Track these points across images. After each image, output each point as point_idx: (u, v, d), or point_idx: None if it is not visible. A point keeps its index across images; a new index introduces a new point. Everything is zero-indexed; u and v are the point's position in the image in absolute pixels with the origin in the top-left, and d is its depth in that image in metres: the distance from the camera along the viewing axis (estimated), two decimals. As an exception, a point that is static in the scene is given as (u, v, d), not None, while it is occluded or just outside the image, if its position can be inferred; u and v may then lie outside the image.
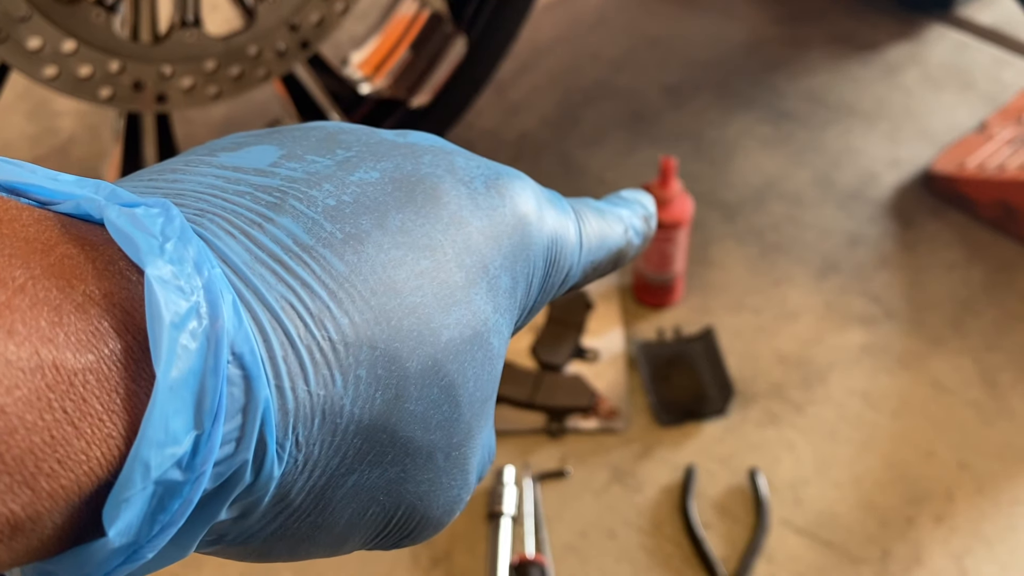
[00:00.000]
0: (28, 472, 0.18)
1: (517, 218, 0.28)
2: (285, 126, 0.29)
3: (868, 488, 1.04)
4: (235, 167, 0.25)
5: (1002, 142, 1.37)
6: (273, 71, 1.08)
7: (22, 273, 0.19)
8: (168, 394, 0.19)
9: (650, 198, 0.36)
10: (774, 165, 1.41)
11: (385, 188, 0.26)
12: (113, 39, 0.97)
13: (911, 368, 1.14)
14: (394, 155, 0.27)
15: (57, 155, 1.44)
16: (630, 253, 0.34)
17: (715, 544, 0.99)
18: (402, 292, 0.24)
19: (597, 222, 0.32)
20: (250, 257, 0.23)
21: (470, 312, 0.25)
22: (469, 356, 0.25)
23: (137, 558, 0.20)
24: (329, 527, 0.25)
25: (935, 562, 0.98)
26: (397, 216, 0.25)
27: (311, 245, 0.23)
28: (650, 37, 1.65)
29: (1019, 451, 1.06)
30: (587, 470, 1.05)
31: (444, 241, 0.25)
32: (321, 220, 0.24)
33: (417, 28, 1.27)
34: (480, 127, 1.48)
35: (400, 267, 0.24)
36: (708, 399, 1.10)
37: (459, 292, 0.25)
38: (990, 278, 1.25)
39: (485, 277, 0.26)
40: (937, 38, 1.63)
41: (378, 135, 0.28)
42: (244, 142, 0.27)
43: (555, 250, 0.29)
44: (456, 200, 0.26)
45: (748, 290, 1.24)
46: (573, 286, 0.31)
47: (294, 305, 0.22)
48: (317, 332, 0.22)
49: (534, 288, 0.29)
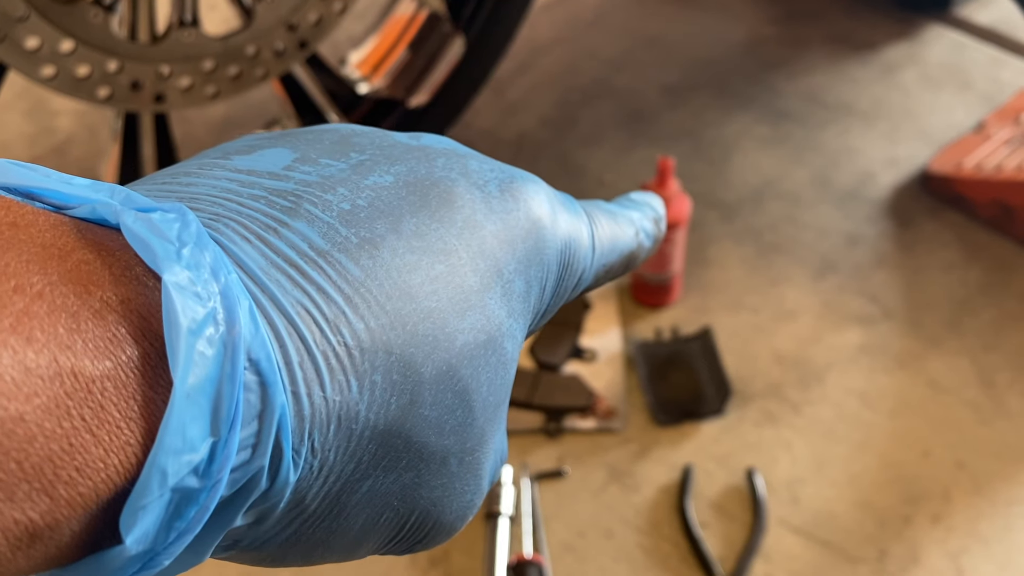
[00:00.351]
0: (47, 480, 0.18)
1: (531, 222, 0.28)
2: (298, 128, 0.29)
3: (865, 488, 1.04)
4: (249, 171, 0.25)
5: (1000, 142, 1.37)
6: (271, 71, 1.08)
7: (40, 279, 0.19)
8: (185, 401, 0.19)
9: (660, 200, 0.36)
10: (772, 165, 1.41)
11: (399, 192, 0.25)
12: (111, 39, 0.97)
13: (908, 368, 1.15)
14: (408, 158, 0.27)
15: (55, 155, 1.44)
16: (641, 256, 0.33)
17: (712, 544, 0.99)
18: (417, 297, 0.24)
19: (609, 225, 0.32)
20: (266, 262, 0.23)
21: (484, 317, 0.25)
22: (483, 361, 0.25)
23: (154, 565, 0.20)
24: (343, 532, 0.25)
25: (932, 561, 0.98)
26: (411, 220, 0.25)
27: (326, 250, 0.23)
28: (648, 37, 1.65)
29: (1016, 451, 1.07)
30: (585, 470, 1.06)
31: (458, 245, 0.25)
32: (336, 224, 0.24)
33: (415, 28, 1.27)
34: (478, 127, 1.48)
35: (415, 272, 0.24)
36: (706, 399, 1.11)
37: (474, 297, 0.25)
38: (987, 278, 1.25)
39: (499, 281, 0.26)
40: (935, 38, 1.63)
41: (391, 138, 0.28)
42: (257, 145, 0.27)
43: (568, 254, 0.29)
44: (470, 204, 0.26)
45: (746, 290, 1.24)
46: (585, 289, 0.31)
47: (310, 310, 0.22)
48: (333, 338, 0.22)
49: (547, 292, 0.29)
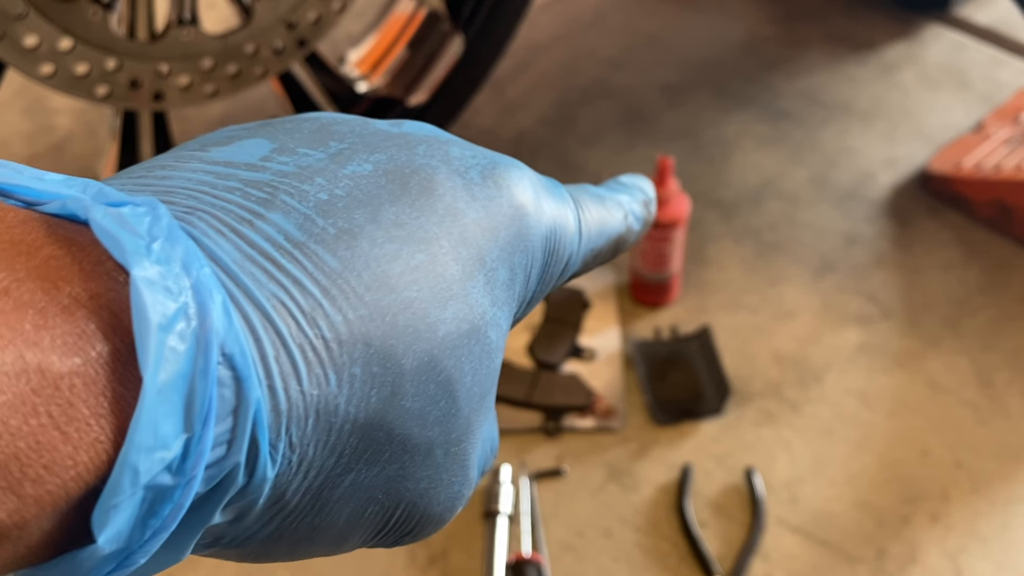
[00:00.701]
0: (13, 478, 0.18)
1: (514, 208, 0.27)
2: (278, 118, 0.28)
3: (864, 487, 1.04)
4: (226, 162, 0.25)
5: (998, 142, 1.37)
6: (270, 69, 1.08)
7: (6, 276, 0.19)
8: (156, 397, 0.19)
9: (649, 183, 0.36)
10: (771, 164, 1.41)
11: (379, 181, 0.25)
12: (110, 37, 0.97)
13: (907, 367, 1.15)
14: (388, 146, 0.27)
15: (53, 152, 1.44)
16: (630, 239, 0.33)
17: (711, 543, 0.99)
18: (397, 287, 0.24)
19: (596, 209, 0.32)
20: (240, 255, 0.22)
21: (467, 306, 0.25)
22: (466, 351, 0.25)
23: (129, 563, 0.20)
24: (327, 527, 0.25)
25: (931, 561, 0.98)
26: (391, 209, 0.25)
27: (303, 241, 0.23)
28: (647, 36, 1.65)
29: (1014, 450, 1.07)
30: (584, 469, 1.06)
31: (440, 234, 0.25)
32: (313, 215, 0.24)
33: (414, 26, 1.27)
34: (477, 126, 1.48)
35: (395, 261, 0.24)
36: (704, 398, 1.11)
37: (456, 286, 0.25)
38: (986, 278, 1.25)
39: (482, 270, 0.26)
40: (934, 38, 1.63)
41: (372, 125, 0.28)
42: (235, 136, 0.27)
43: (554, 240, 0.29)
44: (451, 191, 0.26)
45: (745, 289, 1.24)
46: (573, 274, 0.31)
47: (285, 303, 0.22)
48: (310, 330, 0.22)
49: (533, 279, 0.28)
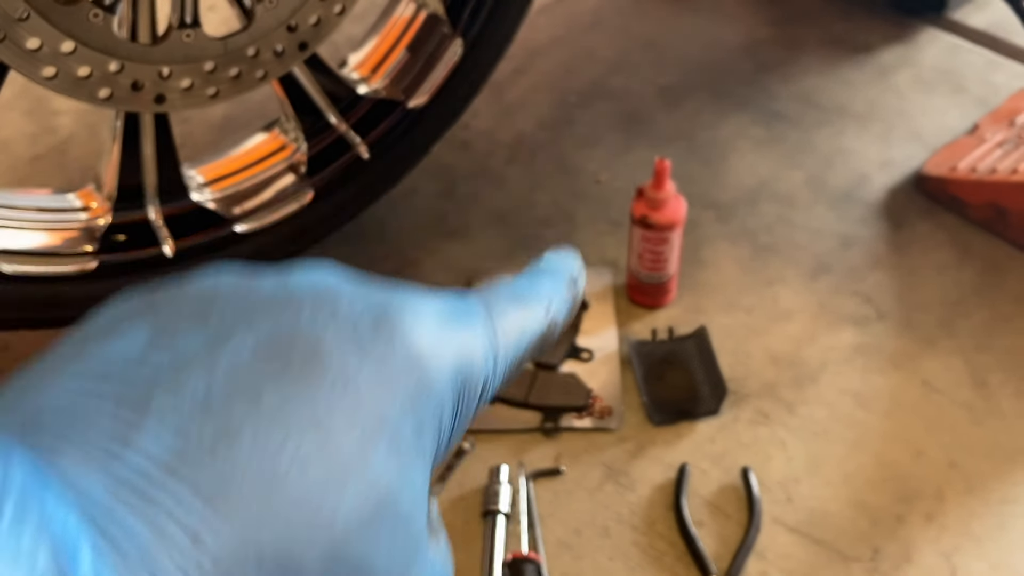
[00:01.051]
0: None
1: (411, 360, 0.26)
2: (165, 288, 0.27)
3: (859, 487, 1.05)
4: (103, 360, 0.24)
5: (993, 144, 1.38)
6: (271, 72, 1.08)
7: None
8: None
9: (575, 257, 0.34)
10: (767, 166, 1.42)
11: (259, 362, 0.24)
12: (112, 39, 0.97)
13: (902, 368, 1.15)
14: (271, 313, 0.25)
15: (55, 154, 1.44)
16: (556, 332, 0.31)
17: (707, 542, 1.00)
18: (286, 481, 0.22)
19: (515, 314, 0.30)
20: (113, 482, 0.21)
21: (368, 483, 0.23)
22: (375, 530, 0.23)
23: None
24: None
25: (925, 560, 0.99)
26: (274, 393, 0.23)
27: (182, 450, 0.22)
28: (645, 39, 1.66)
29: (1008, 450, 1.07)
30: (581, 469, 1.06)
31: (330, 407, 0.24)
32: (189, 419, 0.22)
33: (414, 30, 1.27)
34: (476, 128, 1.49)
35: (281, 454, 0.22)
36: (701, 398, 1.11)
37: (353, 462, 0.23)
38: (981, 279, 1.26)
39: (384, 433, 0.24)
40: (929, 41, 1.64)
41: (256, 292, 0.26)
42: (117, 323, 0.25)
43: (464, 375, 0.27)
44: (340, 355, 0.24)
45: (741, 290, 1.25)
46: (494, 394, 0.29)
47: (164, 528, 0.21)
48: (195, 553, 0.21)
49: (446, 422, 0.27)
